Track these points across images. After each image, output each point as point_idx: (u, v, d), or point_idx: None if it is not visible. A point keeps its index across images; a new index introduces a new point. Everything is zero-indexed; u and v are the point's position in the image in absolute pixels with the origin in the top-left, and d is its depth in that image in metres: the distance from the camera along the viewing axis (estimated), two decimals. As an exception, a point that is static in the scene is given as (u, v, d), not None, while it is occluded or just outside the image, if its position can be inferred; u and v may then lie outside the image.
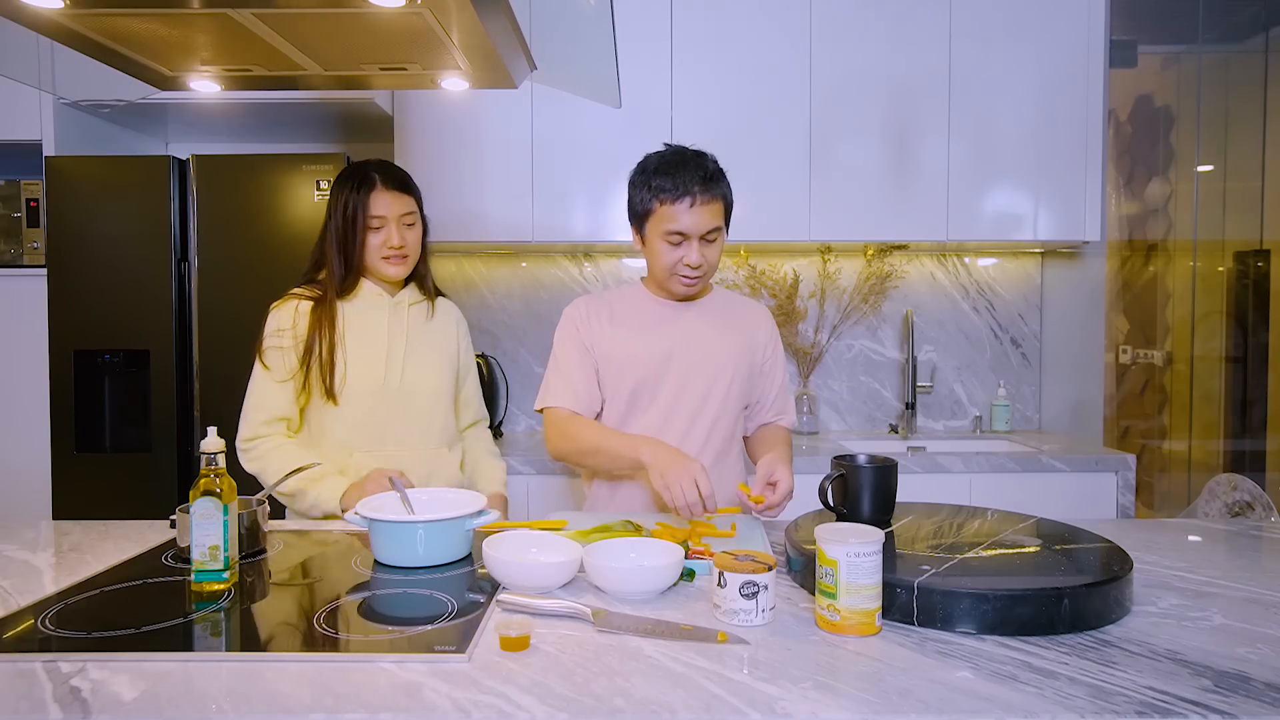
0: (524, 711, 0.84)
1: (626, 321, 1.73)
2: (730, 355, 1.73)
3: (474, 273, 3.14)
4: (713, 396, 1.71)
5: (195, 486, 1.20)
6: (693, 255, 1.63)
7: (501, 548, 1.25)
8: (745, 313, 1.80)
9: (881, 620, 1.06)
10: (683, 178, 1.60)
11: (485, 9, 1.17)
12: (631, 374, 1.70)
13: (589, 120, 2.74)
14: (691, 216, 1.60)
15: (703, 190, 1.60)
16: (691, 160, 1.62)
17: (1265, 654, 0.98)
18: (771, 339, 1.81)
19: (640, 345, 1.71)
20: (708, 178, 1.61)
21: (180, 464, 2.53)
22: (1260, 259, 3.01)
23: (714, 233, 1.63)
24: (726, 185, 1.66)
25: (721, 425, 1.73)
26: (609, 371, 1.72)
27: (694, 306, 1.75)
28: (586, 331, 1.73)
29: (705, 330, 1.73)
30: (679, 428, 1.70)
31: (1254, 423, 3.03)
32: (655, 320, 1.73)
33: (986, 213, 2.76)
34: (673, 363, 1.70)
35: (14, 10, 1.18)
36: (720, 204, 1.64)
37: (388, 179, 1.75)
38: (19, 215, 2.68)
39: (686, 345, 1.71)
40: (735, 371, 1.73)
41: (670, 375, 1.70)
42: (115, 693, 0.88)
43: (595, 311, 1.75)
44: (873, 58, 2.74)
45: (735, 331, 1.75)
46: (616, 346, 1.71)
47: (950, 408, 3.15)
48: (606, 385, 1.73)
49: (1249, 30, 3.08)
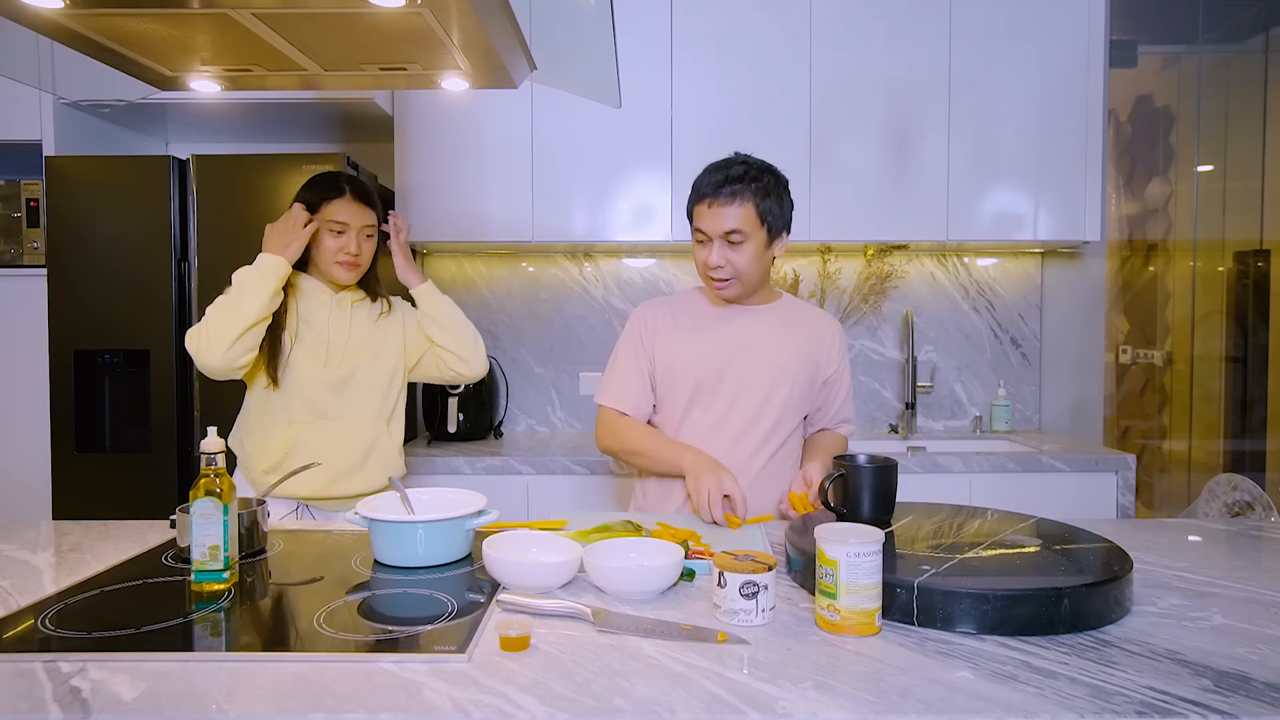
0: (524, 711, 0.84)
1: (688, 324, 1.76)
2: (791, 361, 1.73)
3: (474, 273, 3.14)
4: (771, 402, 1.72)
5: (195, 486, 1.20)
6: (711, 255, 1.65)
7: (501, 548, 1.25)
8: (811, 322, 1.80)
9: (881, 620, 1.06)
10: (707, 178, 1.66)
11: (485, 9, 1.17)
12: (691, 375, 1.72)
13: (589, 120, 2.74)
14: (710, 217, 1.64)
15: (716, 192, 1.63)
16: (724, 165, 1.67)
17: (1265, 654, 0.98)
18: (839, 350, 1.81)
19: (700, 347, 1.73)
20: (730, 180, 1.63)
21: (180, 464, 2.53)
22: (1260, 259, 3.01)
23: (735, 234, 1.63)
24: (761, 190, 1.64)
25: (779, 431, 1.74)
26: (670, 373, 1.74)
27: (756, 311, 1.76)
28: (649, 336, 1.77)
29: (766, 335, 1.73)
30: (734, 430, 1.71)
31: (1254, 423, 3.03)
32: (716, 323, 1.75)
33: (986, 213, 2.76)
34: (731, 365, 1.71)
35: (14, 10, 1.18)
36: (747, 209, 1.63)
37: (356, 190, 1.89)
38: (19, 215, 2.68)
39: (746, 349, 1.72)
40: (796, 378, 1.73)
41: (728, 378, 1.71)
42: (115, 693, 0.88)
43: (659, 315, 1.79)
44: (873, 58, 2.74)
45: (798, 339, 1.75)
46: (677, 349, 1.74)
47: (950, 408, 3.15)
48: (666, 386, 1.75)
49: (1249, 30, 3.08)
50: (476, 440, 2.85)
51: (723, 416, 1.71)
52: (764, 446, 1.72)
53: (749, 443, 1.71)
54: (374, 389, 1.91)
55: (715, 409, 1.72)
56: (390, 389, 1.95)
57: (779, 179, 1.70)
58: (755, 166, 1.67)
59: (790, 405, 1.74)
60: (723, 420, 1.71)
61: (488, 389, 2.89)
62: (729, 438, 1.70)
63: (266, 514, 1.46)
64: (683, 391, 1.73)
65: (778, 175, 1.70)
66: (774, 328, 1.75)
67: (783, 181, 1.70)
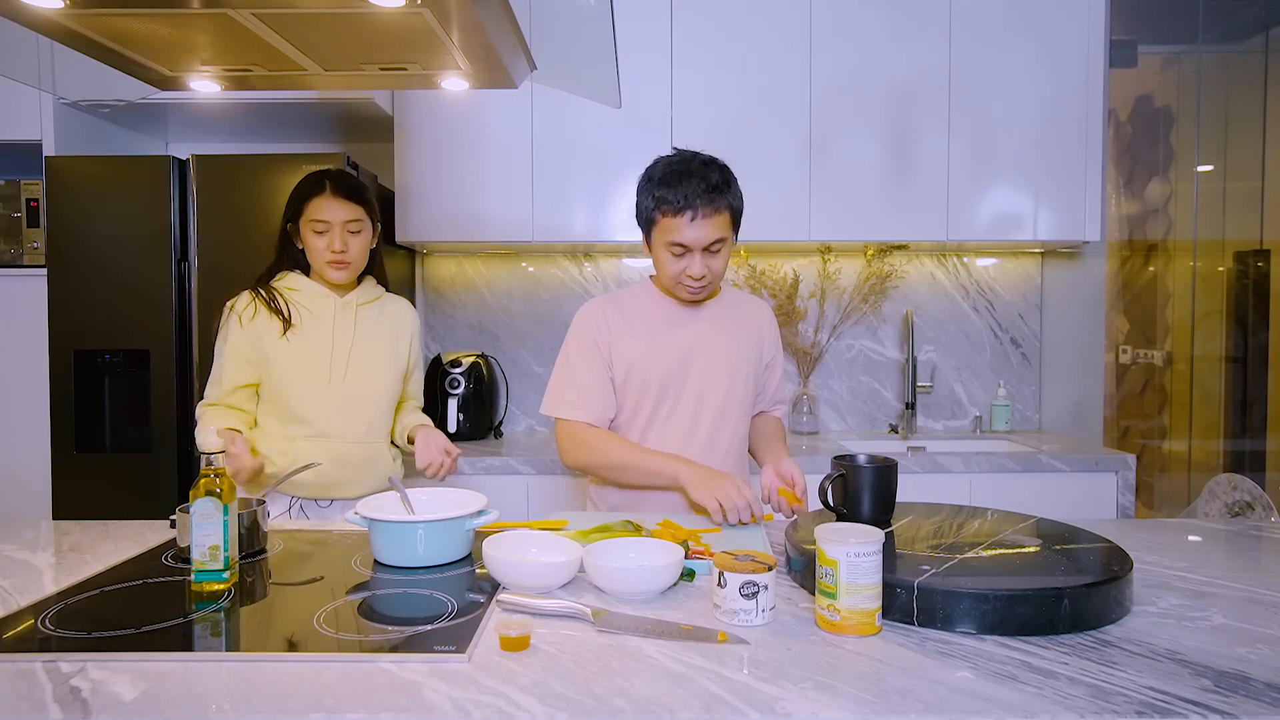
0: (524, 711, 0.84)
1: (643, 325, 1.71)
2: (742, 354, 1.74)
3: (474, 273, 3.14)
4: (732, 398, 1.72)
5: (195, 486, 1.20)
6: (695, 267, 1.60)
7: (501, 548, 1.25)
8: (750, 310, 1.81)
9: (881, 620, 1.06)
10: (685, 190, 1.56)
11: (485, 9, 1.17)
12: (653, 379, 1.68)
13: (589, 120, 2.74)
14: (694, 230, 1.57)
15: (705, 204, 1.56)
16: (697, 171, 1.58)
17: (1265, 654, 0.98)
18: (774, 334, 1.84)
19: (659, 350, 1.69)
20: (711, 189, 1.56)
21: (180, 464, 2.53)
22: (1260, 259, 3.01)
23: (718, 244, 1.61)
24: (734, 194, 1.62)
25: (739, 425, 1.75)
26: (629, 377, 1.69)
27: (707, 308, 1.75)
28: (604, 338, 1.69)
29: (720, 332, 1.73)
30: (704, 431, 1.70)
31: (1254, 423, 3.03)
32: (671, 323, 1.72)
33: (986, 213, 2.76)
34: (693, 367, 1.70)
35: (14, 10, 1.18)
36: (725, 215, 1.60)
37: (338, 186, 1.81)
38: (19, 215, 2.68)
39: (705, 348, 1.71)
40: (749, 370, 1.75)
41: (690, 379, 1.70)
42: (115, 693, 0.88)
43: (610, 316, 1.71)
44: (873, 58, 2.74)
45: (745, 331, 1.76)
46: (636, 352, 1.68)
47: (950, 408, 3.15)
48: (627, 391, 1.70)
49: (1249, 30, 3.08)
50: (476, 440, 2.85)
51: (691, 418, 1.69)
52: (731, 443, 1.73)
53: (720, 440, 1.71)
54: (376, 404, 1.86)
55: (682, 411, 1.69)
56: (391, 404, 1.91)
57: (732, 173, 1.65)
58: (719, 166, 1.62)
59: (746, 398, 1.75)
60: (692, 422, 1.69)
61: (488, 389, 2.89)
62: (702, 438, 1.69)
63: (267, 514, 1.46)
64: (645, 396, 1.69)
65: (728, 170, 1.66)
66: (723, 323, 1.74)
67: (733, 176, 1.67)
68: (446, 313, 3.15)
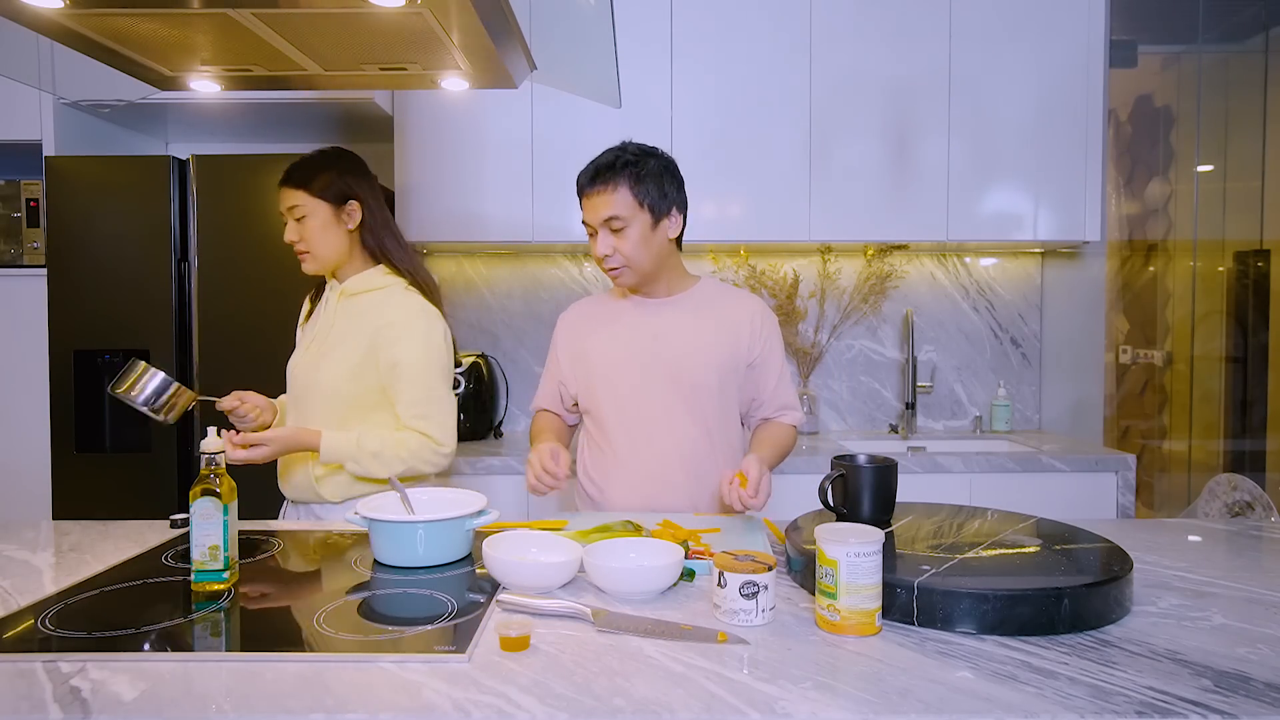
0: (524, 711, 0.84)
1: (597, 323, 1.78)
2: (706, 349, 1.71)
3: (474, 273, 3.14)
4: (695, 392, 1.70)
5: (195, 486, 1.20)
6: (597, 245, 1.67)
7: (501, 548, 1.25)
8: (728, 305, 1.76)
9: (881, 620, 1.06)
10: (584, 171, 1.69)
11: (485, 9, 1.17)
12: (598, 373, 1.73)
13: (589, 120, 2.74)
14: (588, 207, 1.67)
15: (592, 182, 1.65)
16: (604, 154, 1.69)
17: (1265, 654, 0.98)
18: (761, 331, 1.75)
19: (605, 345, 1.74)
20: (604, 166, 1.65)
21: (180, 464, 2.53)
22: (1260, 259, 3.01)
23: (615, 220, 1.63)
24: (635, 175, 1.64)
25: (711, 422, 1.72)
26: (593, 373, 1.75)
27: (665, 302, 1.75)
28: (563, 339, 1.82)
29: (673, 326, 1.72)
30: (661, 424, 1.70)
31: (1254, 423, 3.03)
32: (621, 318, 1.76)
33: (986, 213, 2.76)
34: (640, 360, 1.71)
35: (14, 10, 1.18)
36: (620, 192, 1.63)
37: (286, 173, 1.78)
38: (19, 215, 2.68)
39: (655, 341, 1.71)
40: (715, 366, 1.71)
41: (639, 373, 1.71)
42: (115, 693, 0.88)
43: (577, 315, 1.83)
44: (873, 58, 2.74)
45: (712, 325, 1.73)
46: (588, 348, 1.76)
47: (950, 408, 3.15)
48: (583, 386, 1.77)
49: (1249, 30, 3.08)
50: (476, 440, 2.85)
51: (645, 413, 1.71)
52: (698, 439, 1.71)
53: (678, 437, 1.70)
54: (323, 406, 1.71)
55: (635, 405, 1.71)
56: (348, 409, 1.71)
57: (662, 160, 1.69)
58: (630, 151, 1.68)
59: (715, 394, 1.71)
60: (647, 417, 1.71)
61: (488, 389, 2.90)
62: (657, 433, 1.70)
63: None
64: (598, 391, 1.74)
65: (659, 157, 1.69)
66: (683, 317, 1.73)
67: (666, 162, 1.69)
68: (446, 313, 3.14)
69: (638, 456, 1.71)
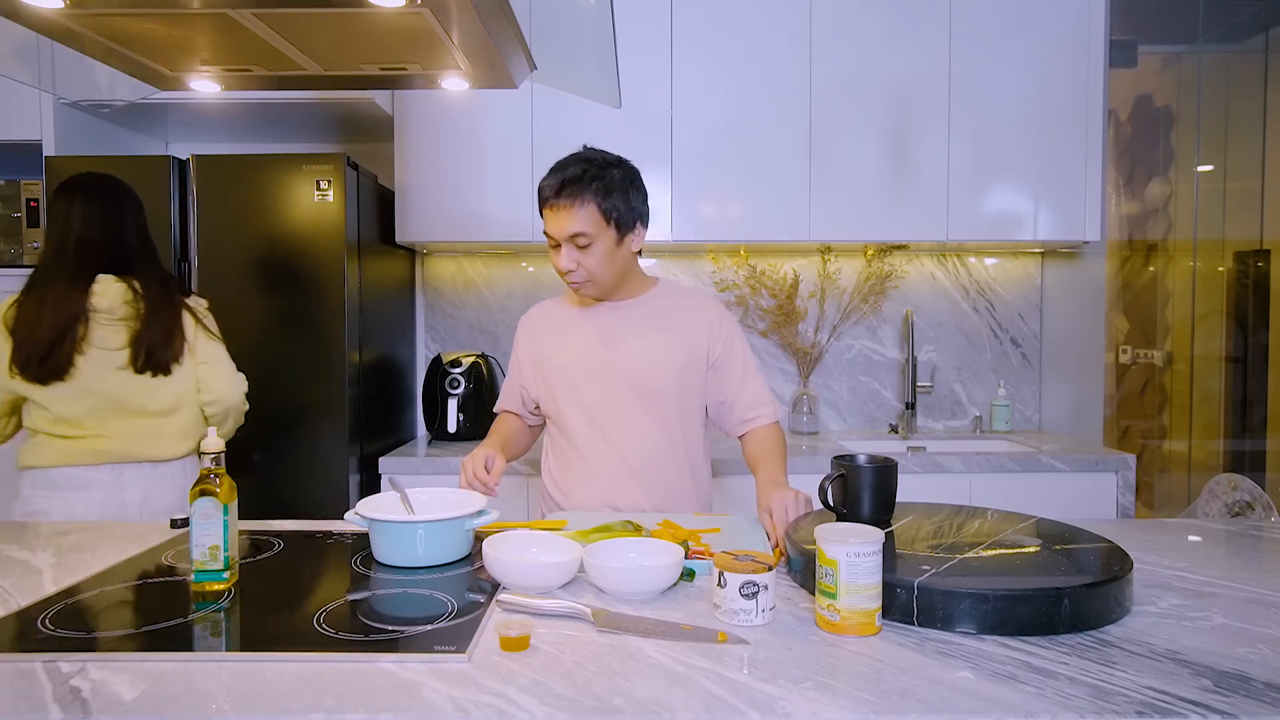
0: (524, 711, 0.84)
1: (554, 328, 1.77)
2: (662, 353, 1.70)
3: (474, 273, 3.14)
4: (655, 395, 1.70)
5: (195, 486, 1.20)
6: (560, 259, 1.63)
7: (501, 548, 1.25)
8: (685, 307, 1.75)
9: (881, 620, 1.06)
10: (548, 181, 1.62)
11: (485, 9, 1.17)
12: (571, 379, 1.72)
13: (589, 120, 2.74)
14: (552, 220, 1.61)
15: (556, 196, 1.59)
16: (568, 164, 1.62)
17: (1265, 654, 0.98)
18: (719, 332, 1.73)
19: (562, 350, 1.73)
20: (569, 181, 1.58)
21: (180, 464, 2.53)
22: (1260, 259, 3.01)
23: (580, 237, 1.59)
24: (602, 189, 1.59)
25: (672, 426, 1.72)
26: (553, 378, 1.75)
27: (621, 307, 1.74)
28: (523, 343, 1.82)
29: (628, 331, 1.72)
30: (622, 428, 1.70)
31: (1254, 423, 3.03)
32: (578, 324, 1.75)
33: (986, 213, 2.76)
34: (610, 365, 1.70)
35: (14, 10, 1.18)
36: (587, 209, 1.58)
37: None
38: (19, 215, 2.68)
39: (623, 347, 1.70)
40: (677, 368, 1.70)
41: (608, 377, 1.70)
42: (115, 693, 0.88)
43: (537, 319, 1.82)
44: (873, 58, 2.74)
45: (668, 328, 1.72)
46: (547, 354, 1.76)
47: (950, 408, 3.15)
48: (544, 391, 1.77)
49: (1249, 30, 3.08)
50: (476, 440, 2.84)
51: (606, 418, 1.70)
52: (659, 442, 1.70)
53: (641, 440, 1.69)
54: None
55: (596, 410, 1.70)
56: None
57: (627, 172, 1.64)
58: (596, 163, 1.62)
59: (675, 396, 1.70)
60: (608, 422, 1.70)
61: (488, 389, 2.89)
62: (614, 437, 1.69)
63: None
64: (559, 396, 1.74)
65: (625, 168, 1.65)
66: (638, 321, 1.72)
67: (631, 174, 1.65)
68: (446, 313, 3.15)
69: (600, 460, 1.71)
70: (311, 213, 2.46)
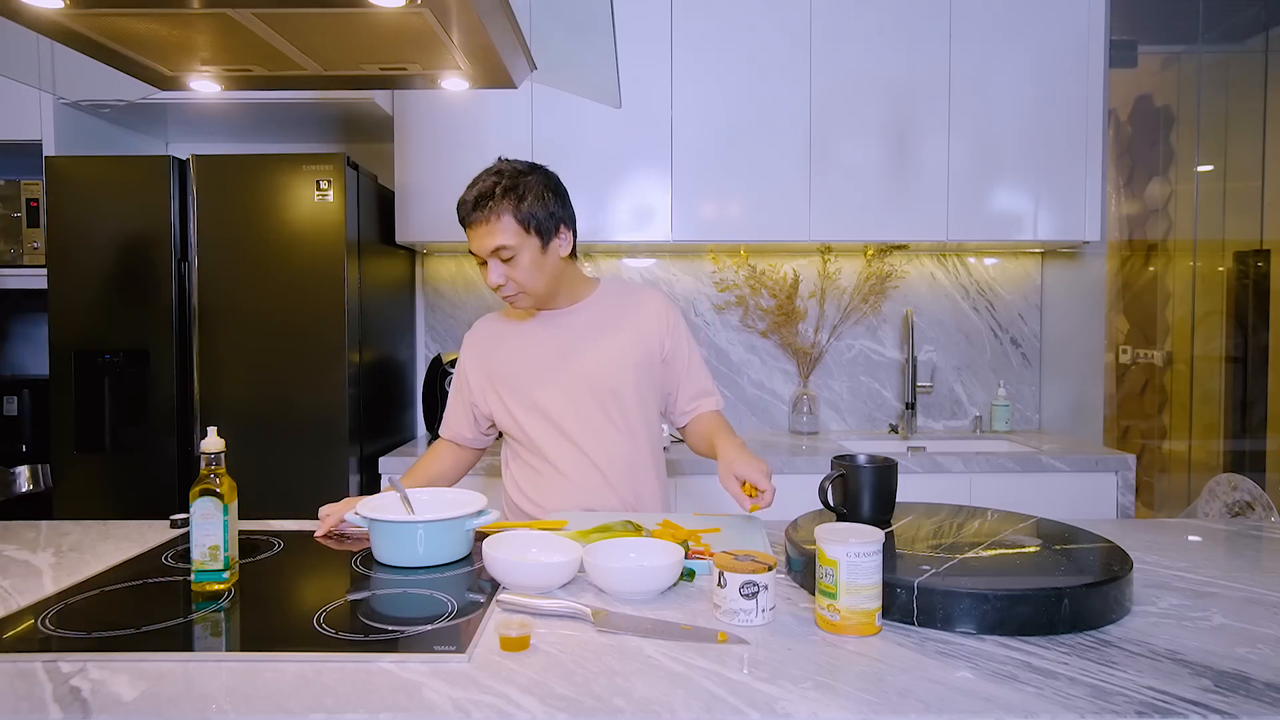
0: (524, 711, 0.84)
1: (516, 340, 1.73)
2: (624, 351, 1.69)
3: (474, 273, 3.13)
4: (615, 396, 1.68)
5: (195, 486, 1.20)
6: (489, 275, 1.61)
7: (501, 548, 1.25)
8: (631, 305, 1.75)
9: (881, 620, 1.06)
10: (463, 199, 1.62)
11: (485, 9, 1.17)
12: (528, 391, 1.69)
13: (589, 120, 2.74)
14: (473, 237, 1.61)
15: (471, 212, 1.59)
16: (479, 180, 1.61)
17: (1265, 654, 0.98)
18: (666, 323, 1.73)
19: (531, 363, 1.70)
20: (480, 197, 1.58)
21: (180, 464, 2.53)
22: (1260, 259, 3.01)
23: (503, 250, 1.58)
24: (515, 199, 1.58)
25: (636, 425, 1.70)
26: (508, 393, 1.71)
27: (566, 314, 1.73)
28: (478, 360, 1.77)
29: (592, 333, 1.70)
30: (583, 434, 1.68)
31: (1254, 423, 3.03)
32: (542, 333, 1.72)
33: (986, 213, 2.76)
34: (567, 372, 1.68)
35: (14, 10, 1.18)
36: (504, 220, 1.57)
37: None
38: (19, 215, 2.68)
39: (577, 352, 1.69)
40: (634, 365, 1.69)
41: (567, 384, 1.68)
42: (115, 693, 0.88)
43: (485, 336, 1.78)
44: (873, 58, 2.74)
45: (624, 326, 1.71)
46: (508, 368, 1.72)
47: (950, 408, 3.15)
48: (507, 406, 1.72)
49: (1249, 30, 3.08)
50: (476, 440, 2.85)
51: (570, 425, 1.68)
52: (625, 442, 1.69)
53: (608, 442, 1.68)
54: None
55: (558, 419, 1.67)
56: None
57: (541, 177, 1.63)
58: (508, 174, 1.60)
59: (634, 394, 1.69)
60: (572, 429, 1.67)
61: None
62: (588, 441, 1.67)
63: None
64: (516, 410, 1.70)
65: (540, 173, 1.63)
66: (590, 324, 1.71)
67: (546, 179, 1.63)
68: (447, 313, 3.15)
69: (569, 466, 1.68)
70: (311, 213, 2.46)
